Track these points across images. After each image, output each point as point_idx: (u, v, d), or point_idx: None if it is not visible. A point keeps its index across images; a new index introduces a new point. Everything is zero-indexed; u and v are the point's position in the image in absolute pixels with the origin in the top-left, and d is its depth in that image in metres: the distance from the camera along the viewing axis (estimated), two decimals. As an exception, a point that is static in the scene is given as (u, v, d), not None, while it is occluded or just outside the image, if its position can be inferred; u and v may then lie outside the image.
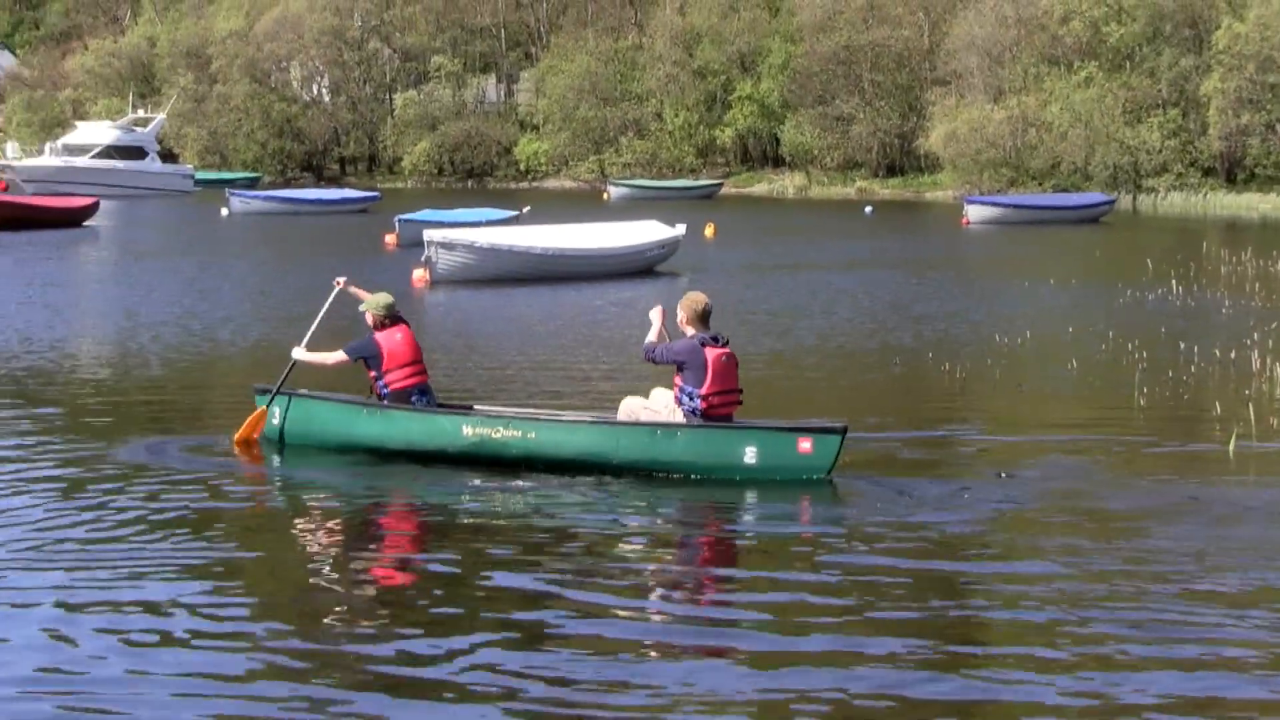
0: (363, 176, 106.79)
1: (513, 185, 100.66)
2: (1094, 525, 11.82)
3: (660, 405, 13.72)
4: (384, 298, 14.51)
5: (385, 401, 14.16)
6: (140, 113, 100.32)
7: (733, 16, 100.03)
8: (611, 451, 13.38)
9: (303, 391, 14.55)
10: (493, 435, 13.57)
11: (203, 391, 18.92)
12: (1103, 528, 11.74)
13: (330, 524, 12.07)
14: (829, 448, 13.07)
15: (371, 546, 11.55)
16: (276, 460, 14.15)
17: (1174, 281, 31.48)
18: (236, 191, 69.40)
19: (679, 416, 13.47)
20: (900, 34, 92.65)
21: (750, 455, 13.13)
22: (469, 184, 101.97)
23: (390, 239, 44.36)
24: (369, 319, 14.46)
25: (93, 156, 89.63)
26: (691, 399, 13.35)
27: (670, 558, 11.18)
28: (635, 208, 62.82)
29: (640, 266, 35.91)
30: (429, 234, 33.79)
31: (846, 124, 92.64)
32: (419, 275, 32.89)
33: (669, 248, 36.68)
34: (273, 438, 14.48)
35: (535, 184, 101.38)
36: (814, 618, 9.39)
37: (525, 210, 49.91)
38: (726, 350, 13.45)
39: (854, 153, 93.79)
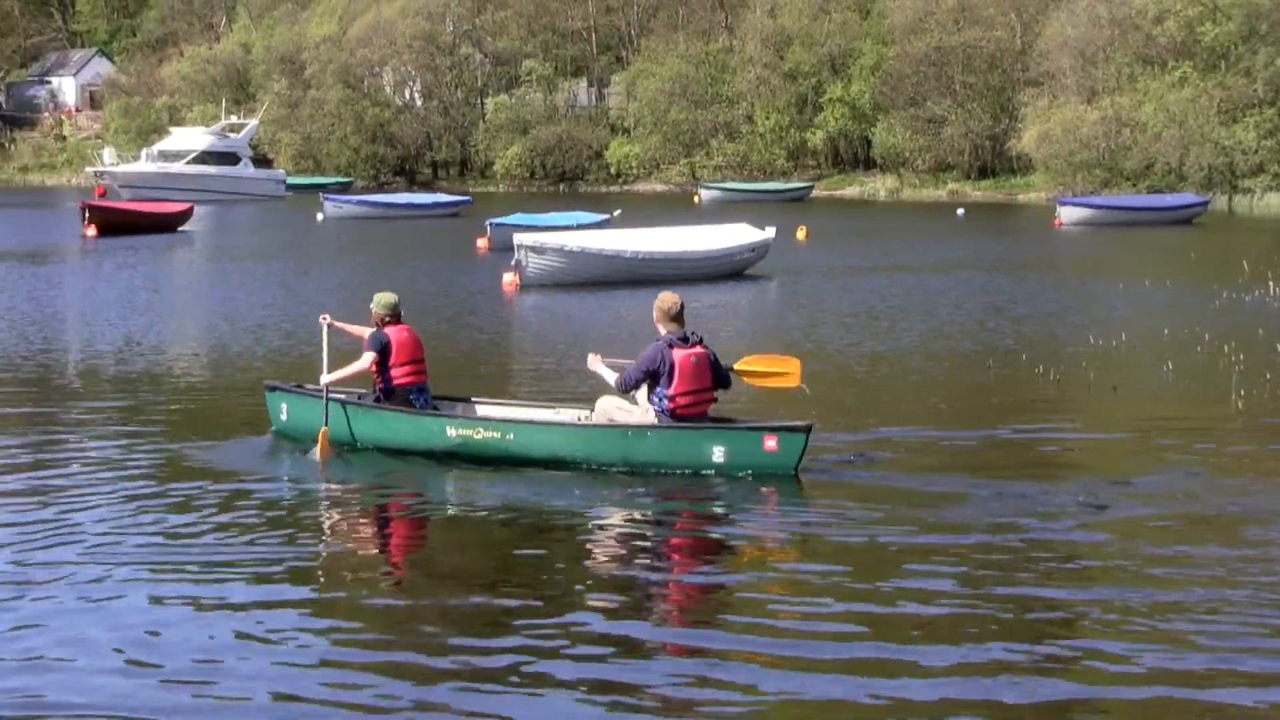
0: (455, 181, 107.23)
1: (604, 189, 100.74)
2: (1189, 529, 11.68)
3: (640, 406, 14.00)
4: (388, 297, 15.01)
5: (386, 398, 14.67)
6: (234, 118, 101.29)
7: (824, 18, 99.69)
8: (585, 452, 13.76)
9: (309, 386, 15.15)
10: (474, 436, 14.01)
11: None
12: (1199, 531, 11.60)
13: (415, 521, 12.15)
14: (794, 445, 13.40)
15: (435, 543, 11.61)
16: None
17: (1271, 283, 31.06)
18: (330, 196, 69.96)
19: (651, 417, 13.77)
20: (992, 35, 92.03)
21: (719, 454, 13.46)
22: (560, 188, 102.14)
23: (482, 243, 44.53)
24: (373, 317, 14.95)
25: (188, 162, 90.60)
26: (660, 400, 13.71)
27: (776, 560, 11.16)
28: (726, 210, 62.71)
29: (730, 269, 35.84)
30: (519, 238, 33.87)
31: (938, 126, 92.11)
32: (509, 279, 32.96)
33: (759, 251, 36.59)
34: (283, 433, 15.10)
35: (626, 187, 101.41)
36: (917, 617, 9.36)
37: (616, 214, 49.94)
38: (696, 350, 13.74)
39: (945, 155, 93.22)
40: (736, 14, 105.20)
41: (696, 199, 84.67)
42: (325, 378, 14.93)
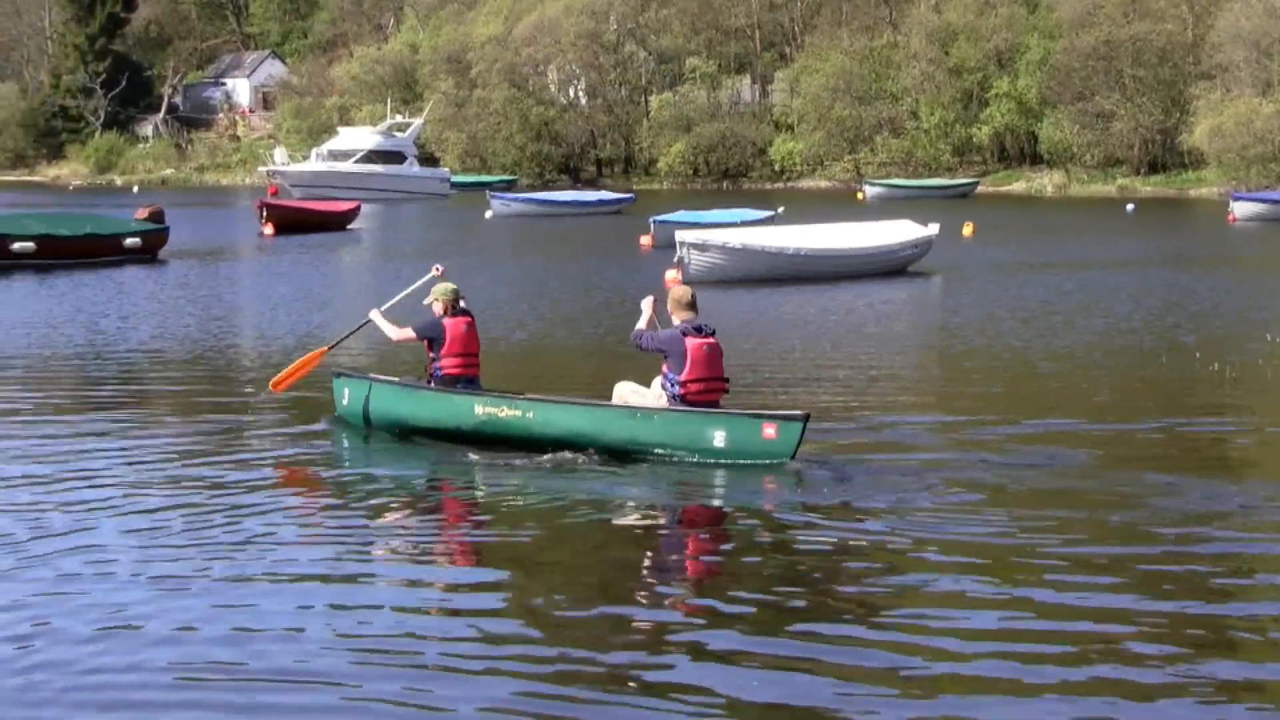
0: (618, 178, 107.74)
1: (767, 186, 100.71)
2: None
3: (653, 391, 14.43)
4: (449, 286, 15.48)
5: (434, 384, 15.18)
6: (399, 118, 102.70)
7: (989, 13, 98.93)
8: (595, 432, 14.18)
9: (372, 375, 15.86)
10: (498, 414, 14.50)
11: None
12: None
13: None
14: (791, 434, 13.61)
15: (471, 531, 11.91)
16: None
17: None
18: (497, 194, 70.74)
19: (664, 402, 14.18)
20: (1163, 28, 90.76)
21: (719, 439, 13.77)
22: (724, 185, 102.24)
23: (645, 240, 44.86)
24: (437, 307, 15.37)
25: (355, 161, 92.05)
26: (672, 385, 14.11)
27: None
28: (890, 207, 62.59)
29: (893, 266, 35.84)
30: (682, 235, 34.11)
31: (1107, 120, 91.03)
32: (672, 276, 33.12)
33: (922, 247, 36.54)
34: (344, 416, 15.72)
35: (790, 184, 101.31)
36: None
37: (779, 211, 50.05)
38: (709, 340, 14.11)
39: (1114, 150, 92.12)
40: (901, 9, 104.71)
41: (860, 196, 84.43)
42: (374, 313, 16.06)
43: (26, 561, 10.78)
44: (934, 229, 36.76)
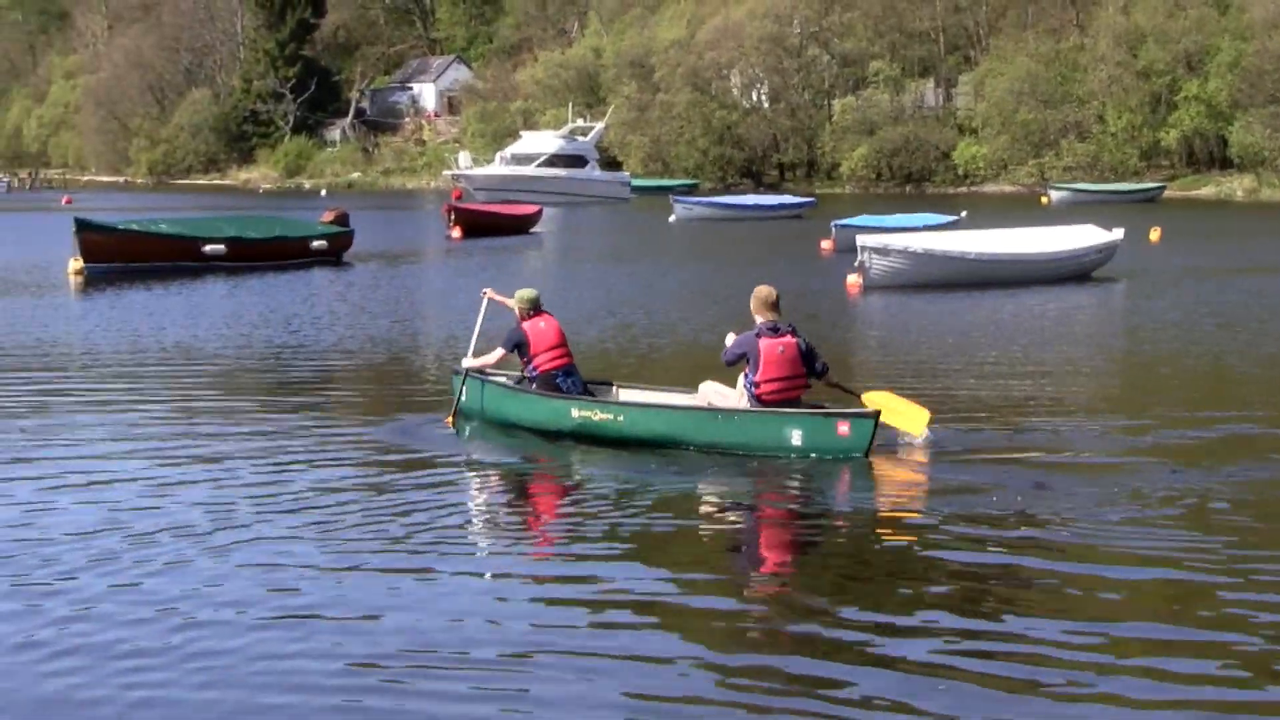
0: (801, 182, 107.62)
1: (950, 190, 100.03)
2: None
3: (736, 391, 14.93)
4: (528, 292, 16.40)
5: (533, 383, 15.99)
6: (581, 122, 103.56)
7: (1179, 15, 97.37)
8: (682, 433, 14.76)
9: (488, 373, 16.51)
10: (592, 417, 15.20)
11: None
12: None
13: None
14: (864, 430, 14.17)
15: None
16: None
17: None
18: (680, 198, 71.05)
19: (745, 402, 14.69)
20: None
21: (796, 437, 14.29)
22: (907, 189, 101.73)
23: (826, 244, 44.79)
24: (516, 312, 16.36)
25: (538, 165, 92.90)
26: (750, 386, 14.64)
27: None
28: (1075, 212, 61.76)
29: (1076, 271, 35.43)
30: (863, 239, 34.00)
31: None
32: (853, 280, 33.13)
33: (1106, 252, 36.07)
34: (464, 412, 16.45)
35: (973, 189, 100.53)
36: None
37: (962, 215, 49.73)
38: (785, 340, 14.64)
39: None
40: (1088, 12, 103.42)
41: (1045, 200, 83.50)
42: (466, 361, 16.60)
43: (208, 551, 11.16)
44: (1119, 234, 36.27)
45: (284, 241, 41.73)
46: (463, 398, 16.45)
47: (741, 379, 14.90)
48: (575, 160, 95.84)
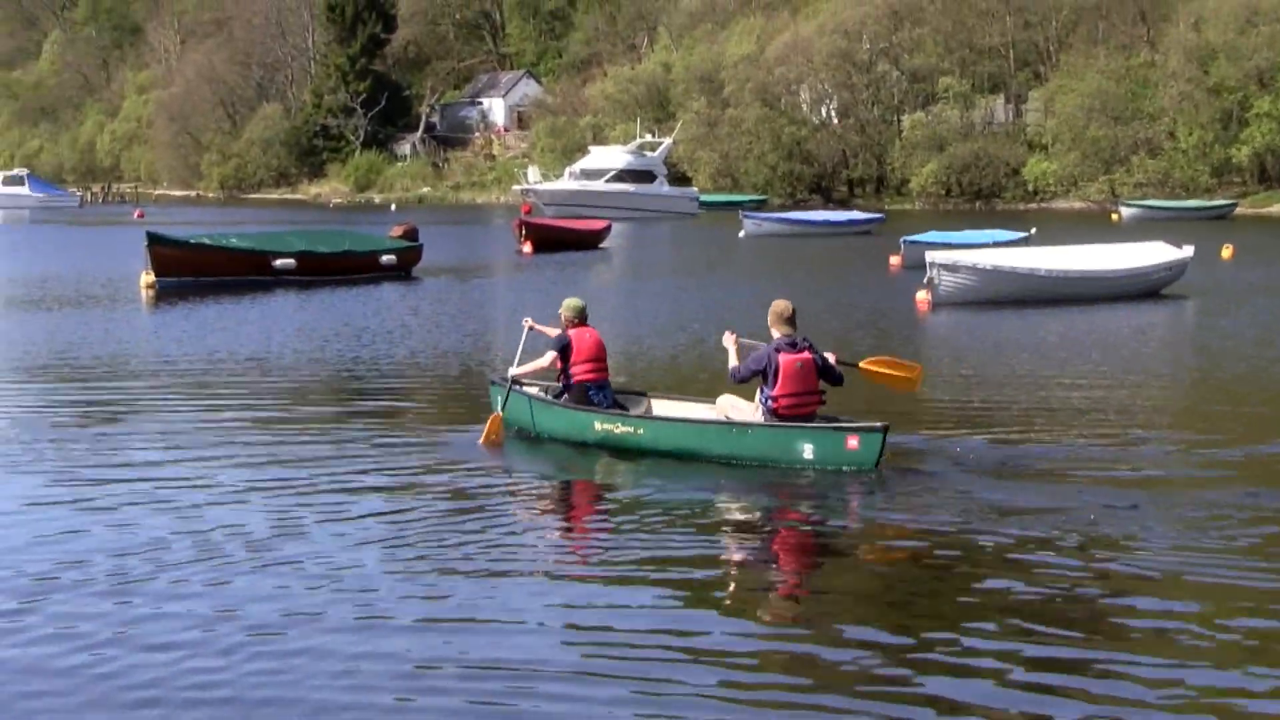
0: (870, 198, 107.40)
1: (1020, 206, 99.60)
2: None
3: (752, 404, 15.19)
4: (575, 301, 16.92)
5: (567, 391, 16.43)
6: (649, 137, 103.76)
7: (1250, 31, 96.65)
8: (698, 446, 15.11)
9: (504, 380, 16.90)
10: (614, 430, 15.60)
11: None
12: None
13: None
14: (873, 444, 14.35)
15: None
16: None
17: None
18: (750, 214, 71.06)
19: (760, 416, 14.96)
20: None
21: (808, 451, 14.57)
22: (976, 205, 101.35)
23: (895, 260, 44.69)
24: (562, 319, 16.79)
25: (607, 180, 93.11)
26: (766, 400, 14.88)
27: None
28: (1145, 229, 61.32)
29: (1145, 289, 35.20)
30: (932, 255, 33.90)
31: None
32: (922, 296, 33.04)
33: (1175, 270, 35.81)
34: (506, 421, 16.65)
35: (1043, 205, 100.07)
36: None
37: (1032, 232, 49.54)
38: (802, 355, 14.83)
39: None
40: (1159, 28, 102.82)
41: (1115, 217, 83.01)
42: (513, 370, 16.87)
43: (279, 559, 11.37)
44: (1189, 251, 36.01)
45: (353, 256, 42.00)
46: (497, 407, 16.77)
47: (758, 393, 15.11)
48: (644, 175, 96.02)
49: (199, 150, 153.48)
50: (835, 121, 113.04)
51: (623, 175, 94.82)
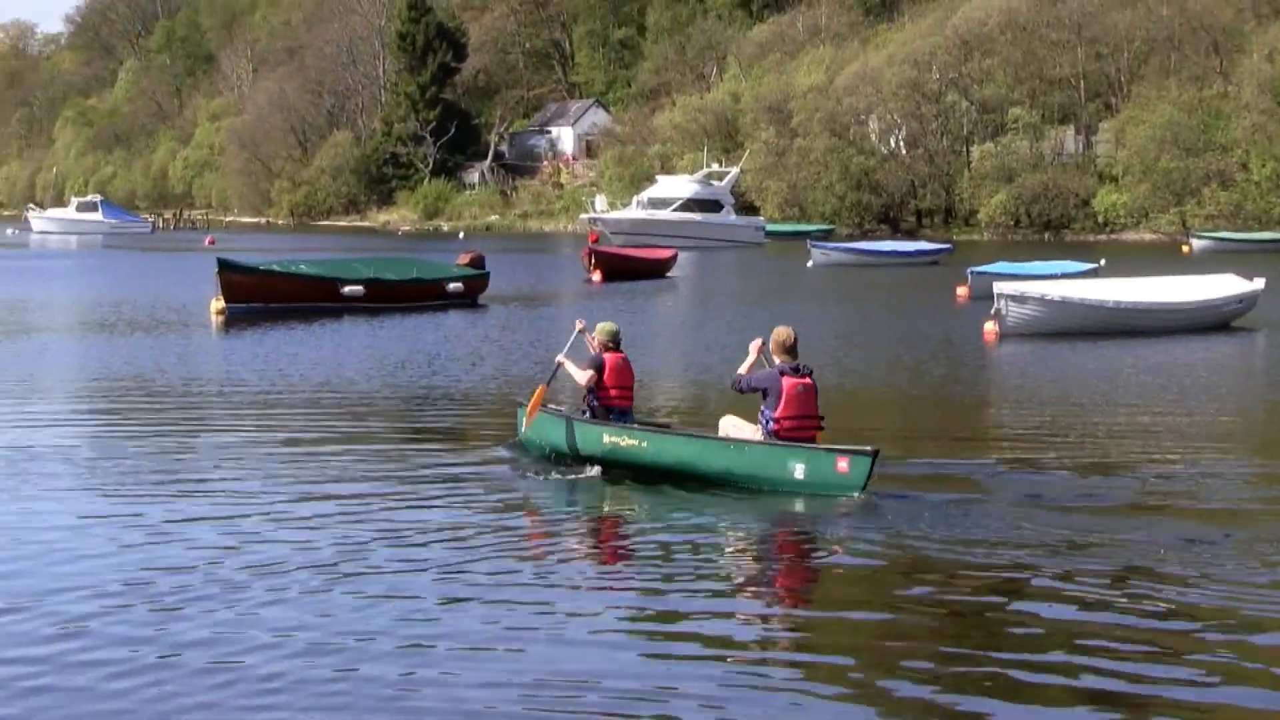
0: (938, 228, 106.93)
1: (1090, 238, 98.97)
2: None
3: (753, 426, 15.49)
4: (610, 326, 17.13)
5: (592, 413, 16.62)
6: (714, 166, 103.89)
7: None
8: (698, 461, 15.43)
9: (550, 407, 17.14)
10: (620, 444, 15.86)
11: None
12: None
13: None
14: (861, 468, 14.46)
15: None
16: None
17: None
18: (818, 243, 70.93)
19: (760, 436, 15.25)
20: None
21: (799, 471, 14.78)
22: (1045, 236, 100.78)
23: (962, 291, 44.53)
24: (595, 343, 17.03)
25: (675, 209, 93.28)
26: (767, 421, 15.13)
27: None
28: (1217, 260, 60.86)
29: (1215, 321, 34.92)
30: (999, 286, 33.77)
31: None
32: (989, 328, 32.91)
33: (1247, 302, 35.53)
34: (522, 440, 17.17)
35: (1113, 236, 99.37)
36: None
37: (1101, 263, 49.30)
38: (804, 380, 15.16)
39: None
40: (1232, 59, 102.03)
41: (1186, 249, 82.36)
42: (561, 356, 17.42)
43: (335, 581, 11.58)
44: (1260, 283, 35.71)
45: (420, 283, 42.25)
46: (523, 429, 17.03)
47: (760, 414, 15.36)
48: (710, 205, 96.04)
49: (270, 177, 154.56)
50: (904, 151, 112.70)
51: (690, 204, 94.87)
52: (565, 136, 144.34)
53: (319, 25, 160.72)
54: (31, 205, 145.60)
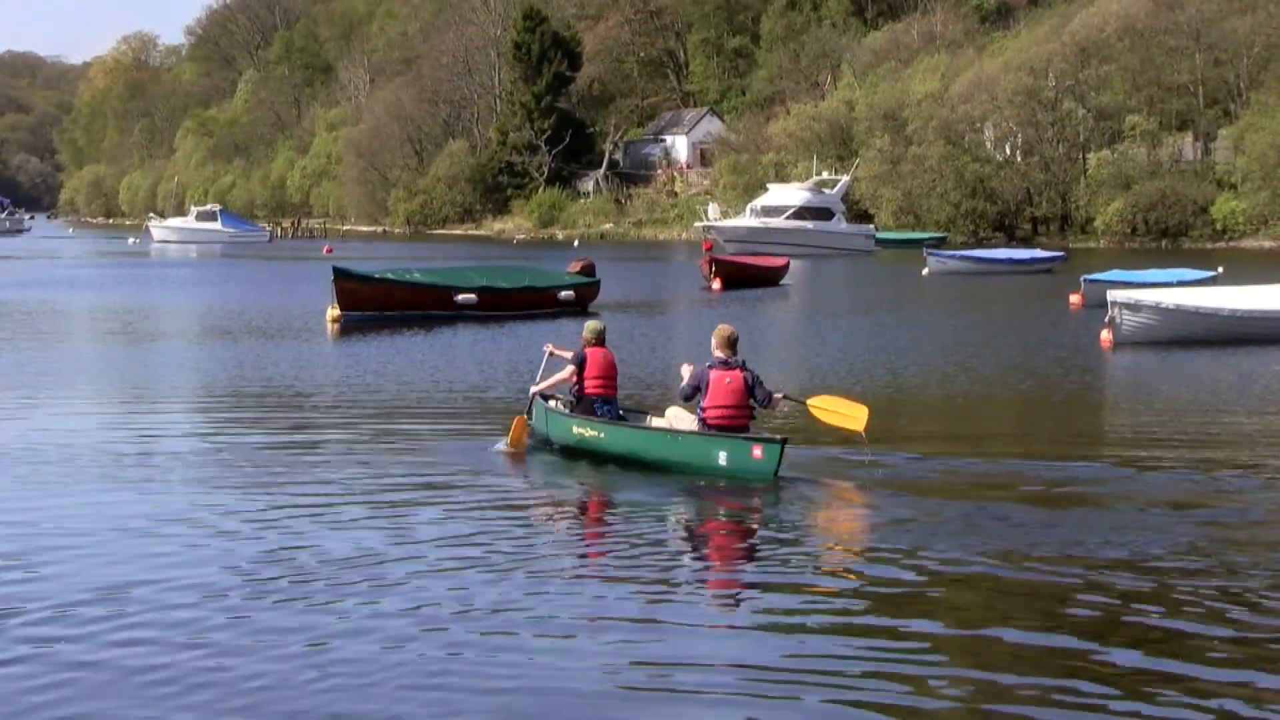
0: (1054, 236, 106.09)
1: (1208, 245, 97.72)
2: None
3: (692, 416, 16.91)
4: (596, 324, 18.88)
5: (577, 402, 18.24)
6: (825, 174, 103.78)
7: None
8: (643, 450, 16.98)
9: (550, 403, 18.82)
10: (585, 434, 17.50)
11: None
12: None
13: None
14: (772, 455, 15.81)
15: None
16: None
17: None
18: (934, 251, 70.66)
19: (695, 426, 16.69)
20: None
21: (722, 458, 16.16)
22: (1163, 244, 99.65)
23: (1075, 299, 44.17)
24: (582, 340, 18.64)
25: (787, 217, 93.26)
26: (699, 412, 16.60)
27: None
28: (1340, 268, 60.06)
29: (1337, 329, 34.39)
30: (1113, 294, 33.45)
31: None
32: (1104, 336, 32.62)
33: (1368, 310, 34.93)
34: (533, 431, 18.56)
35: (1232, 244, 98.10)
36: None
37: (1219, 271, 48.74)
38: (732, 373, 16.47)
39: None
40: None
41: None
42: (534, 388, 19.07)
43: (424, 572, 11.76)
44: (1383, 290, 35.15)
45: (533, 291, 42.49)
46: (532, 419, 18.58)
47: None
48: (822, 213, 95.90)
49: (386, 186, 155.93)
50: (1019, 159, 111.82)
51: (802, 212, 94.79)
52: (679, 145, 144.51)
53: (435, 35, 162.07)
54: (152, 215, 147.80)
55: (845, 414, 17.09)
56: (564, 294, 42.82)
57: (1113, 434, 20.59)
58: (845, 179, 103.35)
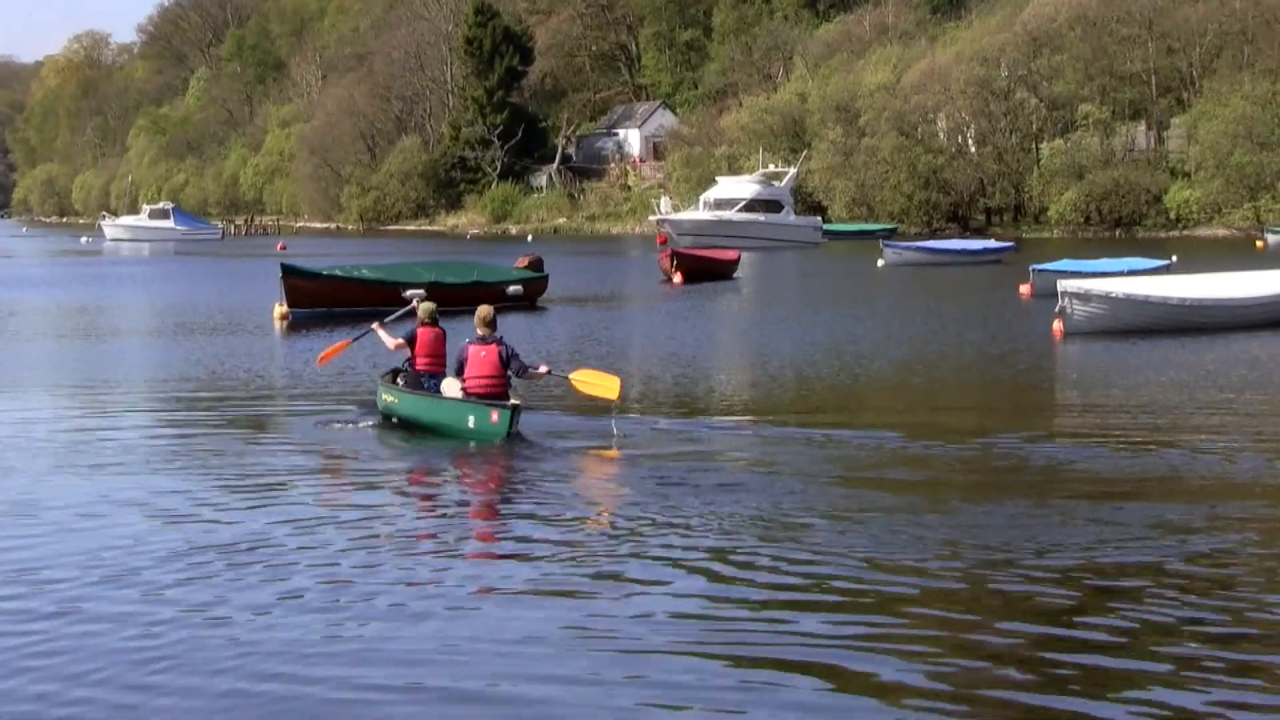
0: (1008, 227, 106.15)
1: (1161, 234, 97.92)
2: None
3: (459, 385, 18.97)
4: (430, 306, 20.69)
5: (405, 375, 20.06)
6: (772, 167, 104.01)
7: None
8: (420, 414, 19.07)
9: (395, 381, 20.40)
10: (385, 399, 19.69)
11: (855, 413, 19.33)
12: None
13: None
14: (505, 418, 17.97)
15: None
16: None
17: None
18: (890, 243, 70.66)
19: (460, 394, 18.81)
20: None
21: (470, 421, 18.32)
22: (1116, 233, 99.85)
23: (1024, 289, 44.13)
24: (417, 318, 20.49)
25: (738, 210, 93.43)
26: (462, 382, 18.81)
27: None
28: (1292, 256, 60.26)
29: (1287, 317, 34.42)
30: (1063, 284, 33.32)
31: None
32: (1057, 327, 32.47)
33: (1320, 297, 34.95)
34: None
35: (1185, 233, 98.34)
36: None
37: (1173, 260, 48.78)
38: (489, 347, 18.84)
39: None
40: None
41: (1260, 244, 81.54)
42: (376, 324, 22.05)
43: (365, 568, 11.53)
44: (1335, 277, 35.16)
45: (481, 287, 42.18)
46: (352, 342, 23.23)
47: None
48: (772, 205, 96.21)
49: (339, 183, 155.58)
50: (972, 149, 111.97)
51: (753, 205, 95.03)
52: (632, 139, 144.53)
53: (387, 31, 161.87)
54: (106, 213, 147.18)
55: (601, 384, 19.14)
56: (512, 289, 42.61)
57: (1062, 415, 20.50)
58: (793, 171, 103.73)
